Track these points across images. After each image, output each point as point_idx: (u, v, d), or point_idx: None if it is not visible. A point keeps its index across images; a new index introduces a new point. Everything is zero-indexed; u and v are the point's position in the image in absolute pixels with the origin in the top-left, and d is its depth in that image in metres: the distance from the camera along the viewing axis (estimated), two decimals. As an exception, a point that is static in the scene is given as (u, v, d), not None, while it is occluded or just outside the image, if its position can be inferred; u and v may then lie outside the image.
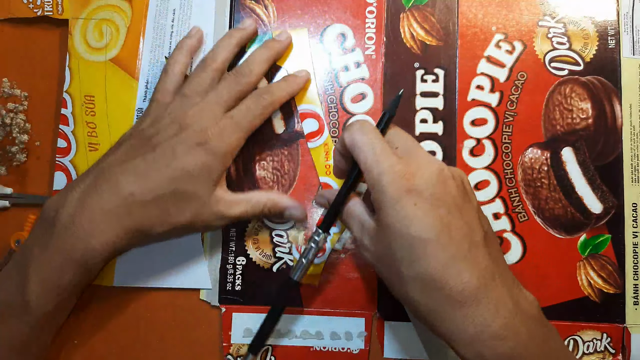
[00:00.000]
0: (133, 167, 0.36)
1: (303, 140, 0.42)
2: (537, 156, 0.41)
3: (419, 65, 0.42)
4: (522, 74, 0.42)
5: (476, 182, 0.41)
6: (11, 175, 0.43)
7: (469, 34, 0.43)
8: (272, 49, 0.41)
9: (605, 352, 0.40)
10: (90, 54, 0.43)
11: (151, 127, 0.38)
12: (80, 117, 0.42)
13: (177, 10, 0.43)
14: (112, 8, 0.43)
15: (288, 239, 0.41)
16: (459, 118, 0.42)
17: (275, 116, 0.42)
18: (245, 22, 0.42)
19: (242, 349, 0.41)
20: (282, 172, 0.42)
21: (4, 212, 0.43)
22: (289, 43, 0.42)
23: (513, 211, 0.41)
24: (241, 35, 0.41)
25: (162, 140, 0.36)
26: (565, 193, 0.41)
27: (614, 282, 0.40)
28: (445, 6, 0.43)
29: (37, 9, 0.43)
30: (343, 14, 0.43)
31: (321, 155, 0.42)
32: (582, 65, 0.42)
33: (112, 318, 0.41)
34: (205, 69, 0.39)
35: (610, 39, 0.42)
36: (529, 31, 0.42)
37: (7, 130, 0.42)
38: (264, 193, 0.40)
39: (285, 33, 0.42)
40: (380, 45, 0.43)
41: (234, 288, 0.41)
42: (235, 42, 0.41)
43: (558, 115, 0.42)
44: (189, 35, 0.42)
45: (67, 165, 0.42)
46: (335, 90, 0.42)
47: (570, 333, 0.40)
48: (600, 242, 0.41)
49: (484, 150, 0.42)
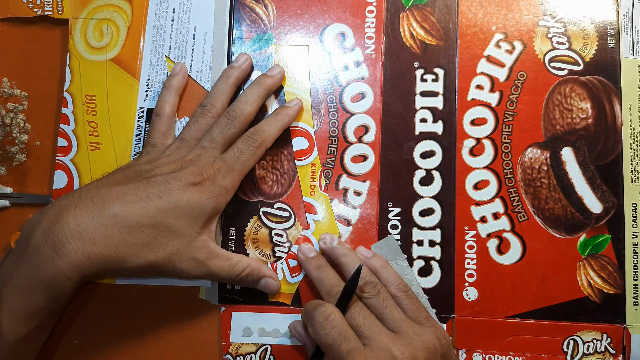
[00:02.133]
0: (123, 191, 0.35)
1: (303, 139, 0.42)
2: (537, 156, 0.41)
3: (419, 64, 0.42)
4: (522, 74, 0.42)
5: (476, 182, 0.41)
6: (11, 175, 0.43)
7: (469, 33, 0.43)
8: (263, 86, 0.41)
9: (606, 352, 0.40)
10: (90, 54, 0.43)
11: (147, 164, 0.38)
12: (81, 116, 0.43)
13: (177, 9, 0.44)
14: (112, 7, 0.44)
15: (287, 239, 0.41)
16: (459, 118, 0.42)
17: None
18: (239, 59, 0.42)
19: (242, 348, 0.41)
20: (281, 172, 0.42)
21: (4, 211, 0.43)
22: (282, 77, 0.42)
23: (513, 211, 0.41)
24: (237, 75, 0.41)
25: (158, 174, 0.36)
26: (565, 193, 0.41)
27: (614, 283, 0.40)
28: (445, 6, 0.43)
29: (37, 8, 0.43)
30: (343, 13, 0.43)
31: (307, 176, 0.42)
32: (581, 65, 0.42)
33: (112, 317, 0.41)
34: (204, 115, 0.40)
35: (610, 39, 0.42)
36: (528, 31, 0.42)
37: (7, 130, 0.42)
38: (246, 258, 0.39)
39: (278, 67, 0.42)
40: (380, 44, 0.43)
41: (233, 287, 0.41)
42: (233, 82, 0.41)
43: (558, 115, 0.42)
44: (174, 73, 0.42)
45: (67, 164, 0.42)
46: (335, 89, 0.43)
47: (570, 333, 0.40)
48: (600, 242, 0.41)
49: (483, 150, 0.42)
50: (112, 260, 0.33)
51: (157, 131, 0.40)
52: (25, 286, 0.32)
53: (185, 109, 0.43)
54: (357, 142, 0.42)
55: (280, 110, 0.41)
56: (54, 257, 0.32)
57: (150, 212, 0.34)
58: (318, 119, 0.42)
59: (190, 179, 0.36)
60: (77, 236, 0.32)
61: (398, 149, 0.42)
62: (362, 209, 0.41)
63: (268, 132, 0.40)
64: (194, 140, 0.39)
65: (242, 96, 0.40)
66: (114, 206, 0.34)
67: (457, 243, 0.41)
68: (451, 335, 0.40)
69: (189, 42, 0.43)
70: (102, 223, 0.33)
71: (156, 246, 0.35)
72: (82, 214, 0.33)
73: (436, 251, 0.41)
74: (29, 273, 0.32)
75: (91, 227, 0.33)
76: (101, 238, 0.33)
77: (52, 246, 0.32)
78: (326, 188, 0.42)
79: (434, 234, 0.41)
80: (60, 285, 0.32)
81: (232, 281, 0.39)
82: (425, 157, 0.42)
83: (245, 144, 0.39)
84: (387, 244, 0.41)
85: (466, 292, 0.40)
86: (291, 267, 0.41)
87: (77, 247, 0.32)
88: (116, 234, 0.33)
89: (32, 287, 0.32)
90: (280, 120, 0.41)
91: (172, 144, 0.40)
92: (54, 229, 0.32)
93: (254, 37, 0.43)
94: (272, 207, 0.42)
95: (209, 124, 0.40)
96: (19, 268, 0.33)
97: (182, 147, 0.39)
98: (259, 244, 0.41)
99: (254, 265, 0.39)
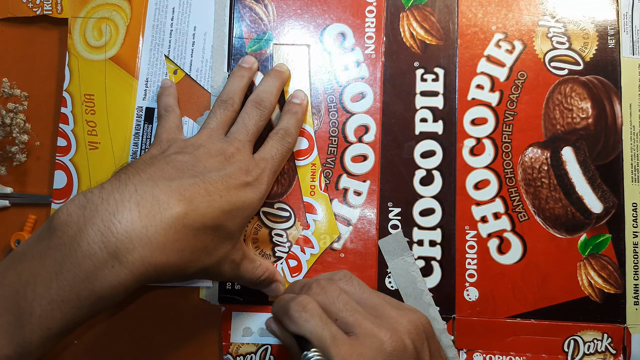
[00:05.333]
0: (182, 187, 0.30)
1: (303, 139, 0.42)
2: (537, 156, 0.41)
3: (419, 64, 0.42)
4: (522, 74, 0.42)
5: (476, 182, 0.41)
6: (11, 175, 0.43)
7: (469, 33, 0.43)
8: (280, 79, 0.41)
9: (606, 352, 0.40)
10: (89, 53, 0.43)
11: (184, 155, 0.34)
12: (80, 115, 0.42)
13: (177, 8, 0.43)
14: (111, 6, 0.44)
15: (287, 239, 0.41)
16: (459, 117, 0.42)
17: (276, 115, 0.42)
18: (248, 60, 0.41)
19: (242, 348, 0.40)
20: (281, 172, 0.42)
21: (4, 211, 0.43)
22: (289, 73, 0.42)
23: (513, 211, 0.41)
24: (249, 76, 0.41)
25: (210, 169, 0.33)
26: (566, 193, 0.41)
27: (615, 282, 0.40)
28: (445, 5, 0.43)
29: (37, 8, 0.43)
30: (343, 13, 0.43)
31: (307, 176, 0.42)
32: (582, 64, 0.42)
33: (112, 317, 0.41)
34: (227, 109, 0.38)
35: (610, 38, 0.42)
36: (528, 31, 0.42)
37: (7, 130, 0.42)
38: (265, 262, 0.39)
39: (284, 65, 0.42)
40: (380, 44, 0.43)
41: (233, 287, 0.41)
42: (246, 82, 0.40)
43: (558, 114, 0.42)
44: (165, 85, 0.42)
45: (67, 163, 0.42)
46: (335, 89, 0.42)
47: (571, 333, 0.40)
48: (601, 242, 0.41)
49: (484, 150, 0.42)
50: (174, 267, 0.29)
51: (172, 124, 0.39)
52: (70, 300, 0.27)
53: (185, 109, 0.43)
54: (357, 142, 0.42)
55: (295, 108, 0.40)
56: (115, 265, 0.27)
57: (215, 213, 0.31)
58: (318, 118, 0.42)
59: (243, 178, 0.34)
60: (146, 241, 0.28)
61: (398, 149, 0.42)
62: (362, 208, 0.41)
63: (295, 134, 0.40)
64: (221, 130, 0.38)
65: (264, 87, 0.40)
66: (179, 204, 0.29)
67: (457, 243, 0.41)
68: (452, 335, 0.40)
69: (189, 42, 0.43)
70: (170, 225, 0.28)
71: (213, 249, 0.32)
72: (148, 213, 0.28)
73: (437, 251, 0.41)
74: (77, 283, 0.27)
75: (160, 231, 0.28)
76: (170, 243, 0.29)
77: (114, 253, 0.27)
78: (326, 188, 0.42)
79: (435, 234, 0.41)
80: (115, 296, 0.28)
81: (249, 283, 0.38)
82: (426, 157, 0.42)
83: (281, 144, 0.38)
84: (395, 239, 0.41)
85: (467, 292, 0.40)
86: (291, 267, 0.41)
87: (145, 254, 0.28)
88: (183, 237, 0.29)
89: (80, 300, 0.27)
90: (300, 120, 0.40)
91: (199, 133, 0.37)
92: (115, 230, 0.27)
93: (254, 37, 0.43)
94: (272, 207, 0.42)
95: (232, 117, 0.39)
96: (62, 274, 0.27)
97: (212, 137, 0.37)
98: (259, 244, 0.41)
99: (271, 269, 0.39)
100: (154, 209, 0.28)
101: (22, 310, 0.27)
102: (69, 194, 0.42)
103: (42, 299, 0.27)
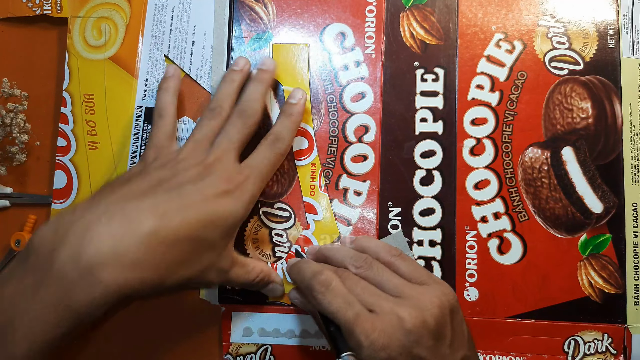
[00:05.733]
0: (155, 202, 0.31)
1: (303, 139, 0.42)
2: (537, 156, 0.41)
3: (419, 64, 0.42)
4: (522, 74, 0.42)
5: (476, 182, 0.41)
6: (11, 175, 0.43)
7: (469, 33, 0.43)
8: (265, 82, 0.40)
9: (607, 352, 0.40)
10: (89, 53, 0.43)
11: (164, 169, 0.35)
12: (79, 115, 0.42)
13: (177, 7, 0.43)
14: (110, 6, 0.43)
15: (288, 239, 0.41)
16: (459, 117, 0.42)
17: (275, 115, 0.42)
18: (240, 62, 0.41)
19: (242, 348, 0.40)
20: (281, 172, 0.42)
21: (4, 212, 0.43)
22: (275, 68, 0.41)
23: (513, 211, 0.41)
24: (241, 79, 0.40)
25: (186, 182, 0.33)
26: (566, 193, 0.41)
27: (615, 282, 0.40)
28: (445, 6, 0.43)
29: (36, 7, 0.43)
30: (343, 13, 0.43)
31: (307, 176, 0.42)
32: (582, 64, 0.42)
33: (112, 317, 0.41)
34: (215, 118, 0.38)
35: (610, 38, 0.42)
36: (528, 31, 0.42)
37: (7, 130, 0.42)
38: (259, 264, 0.39)
39: (269, 59, 0.41)
40: (380, 44, 0.43)
41: (233, 287, 0.41)
42: (237, 86, 0.40)
43: (558, 114, 0.42)
44: (169, 75, 0.41)
45: (67, 163, 0.42)
46: (335, 89, 0.42)
47: (571, 333, 0.40)
48: (601, 242, 0.41)
49: (484, 150, 0.42)
50: (150, 282, 0.30)
51: (163, 132, 0.39)
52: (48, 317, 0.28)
53: (185, 109, 0.43)
54: (357, 142, 0.42)
55: (290, 110, 0.40)
56: (88, 285, 0.28)
57: (190, 225, 0.31)
58: (318, 118, 0.42)
59: (222, 187, 0.34)
60: (117, 258, 0.28)
61: (398, 149, 0.42)
62: (362, 208, 0.41)
63: (288, 138, 0.39)
64: (207, 141, 0.37)
65: (249, 94, 0.39)
66: (150, 220, 0.30)
67: (457, 243, 0.41)
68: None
69: (189, 42, 0.43)
70: (141, 241, 0.29)
71: (193, 261, 0.32)
72: (118, 231, 0.29)
73: (437, 251, 0.41)
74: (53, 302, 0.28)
75: (131, 248, 0.29)
76: (142, 259, 0.29)
77: (86, 272, 0.28)
78: (326, 188, 0.42)
79: (435, 234, 0.41)
80: (94, 314, 0.28)
81: (243, 286, 0.38)
82: (426, 157, 0.42)
83: (270, 150, 0.38)
84: (395, 239, 0.41)
85: (467, 292, 0.40)
86: (291, 267, 0.41)
87: (117, 272, 0.28)
88: (157, 252, 0.30)
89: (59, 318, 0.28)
90: (295, 122, 0.40)
91: (184, 146, 0.37)
92: (86, 250, 0.28)
93: (253, 36, 0.43)
94: (272, 207, 0.42)
95: (220, 125, 0.38)
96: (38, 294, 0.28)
97: (197, 150, 0.36)
98: (259, 244, 0.41)
99: (266, 271, 0.39)
100: (124, 226, 0.29)
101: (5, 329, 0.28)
102: (69, 194, 0.42)
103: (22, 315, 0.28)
